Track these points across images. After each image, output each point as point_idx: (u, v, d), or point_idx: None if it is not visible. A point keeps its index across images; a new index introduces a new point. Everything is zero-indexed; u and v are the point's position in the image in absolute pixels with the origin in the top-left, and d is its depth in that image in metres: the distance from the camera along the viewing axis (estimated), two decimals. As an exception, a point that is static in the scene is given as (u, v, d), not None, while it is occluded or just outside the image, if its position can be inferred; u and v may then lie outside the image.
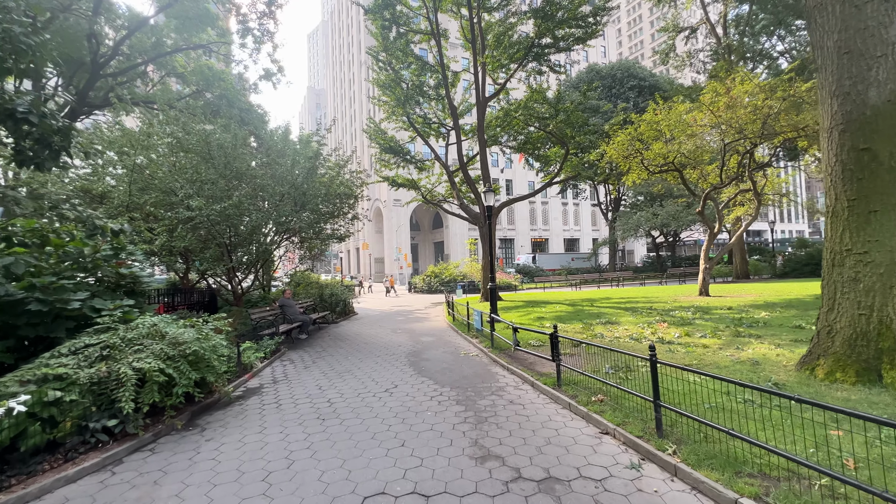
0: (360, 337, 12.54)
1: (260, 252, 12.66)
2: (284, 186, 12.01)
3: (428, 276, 33.73)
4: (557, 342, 6.14)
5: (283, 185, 11.98)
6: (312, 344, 11.67)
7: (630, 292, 21.94)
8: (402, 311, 20.23)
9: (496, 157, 53.26)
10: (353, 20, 64.33)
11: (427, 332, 12.90)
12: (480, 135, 20.42)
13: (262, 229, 11.77)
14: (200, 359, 5.53)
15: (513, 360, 8.02)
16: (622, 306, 15.23)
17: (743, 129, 16.32)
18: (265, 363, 8.88)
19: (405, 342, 11.18)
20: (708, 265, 18.05)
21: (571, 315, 13.39)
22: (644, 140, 19.21)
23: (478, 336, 10.65)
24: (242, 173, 11.76)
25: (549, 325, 11.35)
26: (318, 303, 17.32)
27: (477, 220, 21.14)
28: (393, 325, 15.02)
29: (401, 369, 8.15)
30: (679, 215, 32.44)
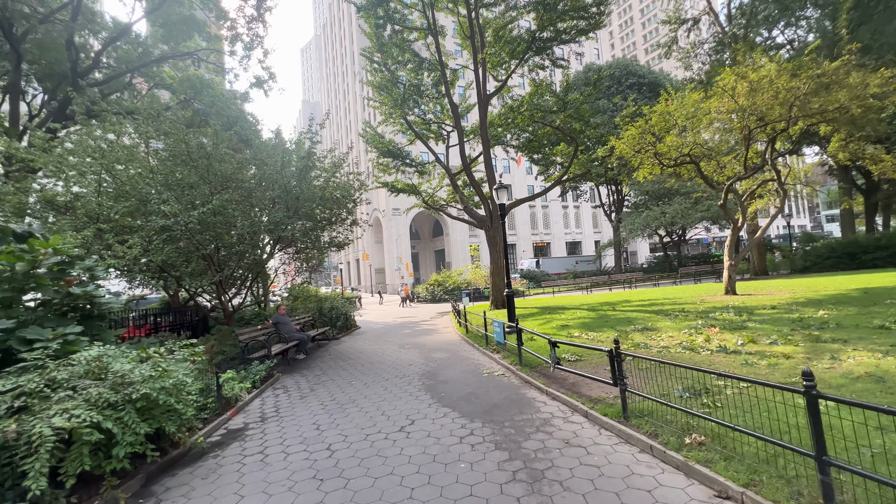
0: (364, 355, 11.07)
1: (251, 265, 11.25)
2: (275, 190, 10.65)
3: (431, 285, 32.30)
4: (620, 361, 4.72)
5: (274, 189, 10.61)
6: (311, 365, 10.20)
7: (647, 294, 20.53)
8: (406, 322, 18.77)
9: (495, 161, 52.09)
10: (345, 32, 63.65)
11: (438, 346, 11.45)
12: (483, 133, 19.14)
13: (251, 239, 10.38)
14: (154, 404, 4.08)
15: (550, 381, 6.59)
16: (648, 309, 13.81)
17: (765, 115, 15.07)
18: (254, 393, 7.41)
19: (416, 360, 9.72)
20: (733, 262, 16.68)
21: (597, 321, 11.96)
22: (656, 133, 17.96)
23: (499, 350, 9.21)
24: (228, 177, 10.39)
25: (578, 334, 9.96)
26: (317, 318, 15.87)
27: (483, 224, 19.78)
28: (399, 339, 13.56)
29: (415, 396, 6.70)
30: (687, 213, 31.16)
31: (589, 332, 10.03)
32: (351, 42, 61.10)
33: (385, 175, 22.79)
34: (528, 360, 7.89)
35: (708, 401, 4.72)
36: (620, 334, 9.41)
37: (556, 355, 6.25)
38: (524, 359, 7.82)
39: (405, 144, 22.65)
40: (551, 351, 6.26)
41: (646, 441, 4.09)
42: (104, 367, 4.25)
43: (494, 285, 19.45)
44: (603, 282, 29.75)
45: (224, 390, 6.49)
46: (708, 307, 12.71)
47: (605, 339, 9.17)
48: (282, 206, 11.14)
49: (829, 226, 78.34)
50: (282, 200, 11.16)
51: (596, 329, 10.46)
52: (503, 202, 11.56)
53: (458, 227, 52.38)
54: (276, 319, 11.30)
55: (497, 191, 11.43)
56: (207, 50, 23.48)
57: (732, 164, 18.96)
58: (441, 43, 19.04)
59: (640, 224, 33.58)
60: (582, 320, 12.41)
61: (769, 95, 14.27)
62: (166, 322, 13.32)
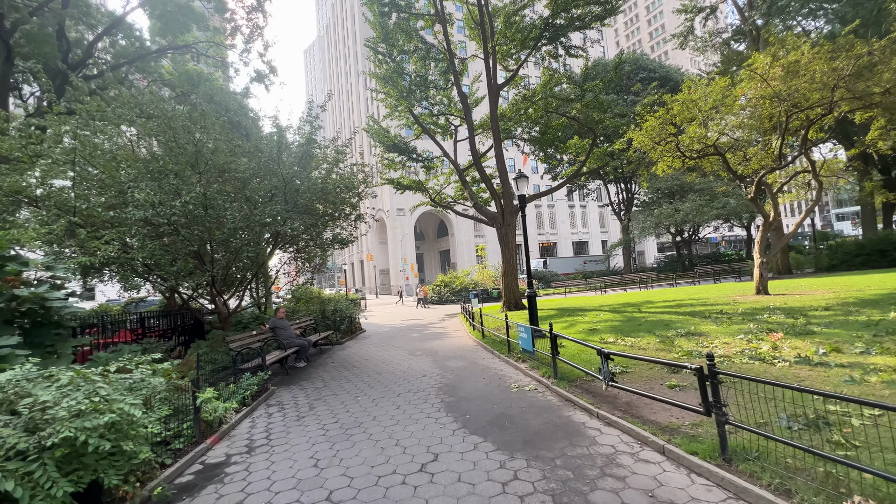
0: (370, 363, 9.88)
1: (248, 264, 10.08)
2: (272, 180, 9.48)
3: (437, 286, 31.11)
4: (717, 383, 3.50)
5: (271, 179, 9.45)
6: (312, 375, 9.01)
7: (668, 294, 19.24)
8: (414, 325, 17.59)
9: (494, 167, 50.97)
10: (348, 31, 62.70)
11: (453, 352, 10.25)
12: (494, 125, 17.96)
13: (246, 235, 9.21)
14: (83, 450, 2.90)
15: (597, 400, 5.38)
16: (679, 311, 12.56)
17: (801, 101, 13.82)
18: (243, 413, 6.23)
19: (430, 370, 8.52)
20: (764, 259, 15.39)
21: (628, 325, 10.72)
22: (677, 123, 16.72)
23: (525, 359, 7.99)
24: (220, 167, 9.25)
25: (613, 340, 8.70)
26: (319, 321, 14.71)
27: (494, 221, 18.58)
28: (408, 343, 12.37)
29: (435, 419, 5.50)
30: (702, 210, 29.84)
31: (625, 338, 8.79)
32: (354, 42, 60.15)
33: (390, 171, 21.65)
34: (564, 371, 6.68)
35: (838, 436, 3.49)
36: (663, 340, 8.17)
37: (608, 369, 5.03)
38: (560, 370, 6.60)
39: (411, 139, 21.52)
40: (602, 364, 5.04)
41: (770, 500, 2.86)
42: (23, 395, 3.08)
43: (506, 286, 18.25)
44: (616, 282, 28.45)
45: (204, 413, 5.31)
46: (747, 308, 11.44)
47: (646, 346, 7.94)
48: (280, 199, 9.98)
49: (838, 224, 76.53)
50: (280, 192, 10.01)
51: (631, 334, 9.22)
52: (524, 193, 10.35)
53: (463, 228, 51.22)
54: (273, 324, 10.15)
55: (517, 181, 10.23)
56: (207, 43, 22.42)
57: (759, 156, 17.70)
58: (449, 32, 17.92)
59: (652, 222, 32.28)
60: (609, 323, 11.17)
61: (807, 79, 13.02)
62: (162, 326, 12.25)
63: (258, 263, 9.97)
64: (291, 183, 9.81)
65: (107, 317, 10.85)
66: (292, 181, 9.82)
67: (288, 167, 9.84)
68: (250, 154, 9.54)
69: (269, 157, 9.42)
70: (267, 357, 8.60)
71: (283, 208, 9.66)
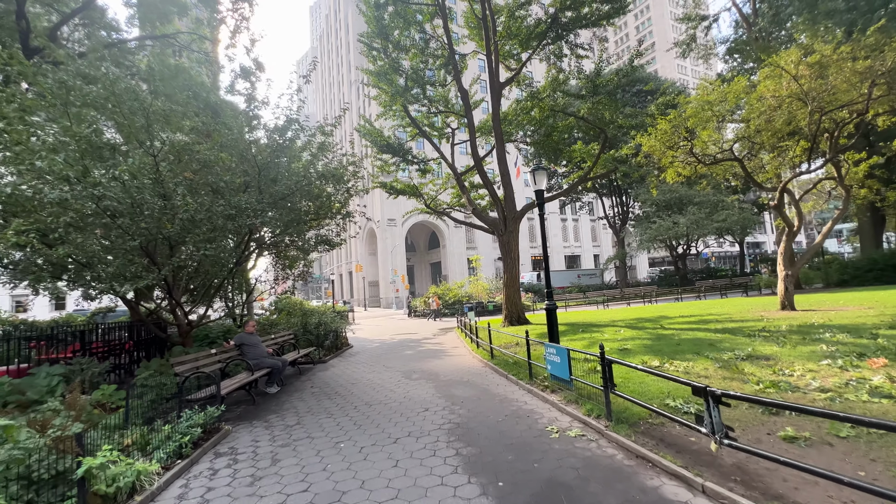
0: (358, 388, 8.00)
1: (211, 266, 8.21)
2: (242, 165, 7.70)
3: (430, 299, 29.23)
4: None
5: (240, 164, 7.67)
6: (284, 405, 7.10)
7: (680, 308, 17.72)
8: (407, 340, 15.70)
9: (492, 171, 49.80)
10: (342, 41, 61.68)
11: (457, 375, 8.43)
12: (496, 125, 16.48)
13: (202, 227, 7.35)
14: None
15: (691, 461, 3.65)
16: (708, 327, 10.95)
17: (829, 102, 12.63)
18: (177, 469, 4.33)
19: (432, 400, 6.69)
20: (790, 272, 13.99)
21: (661, 343, 9.04)
22: (691, 127, 15.44)
23: (556, 389, 6.23)
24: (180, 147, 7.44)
25: (658, 364, 6.93)
26: (300, 335, 12.76)
27: (495, 228, 16.93)
28: (402, 363, 10.50)
29: (453, 489, 3.67)
30: (702, 223, 28.74)
31: (672, 360, 7.09)
32: (347, 52, 59.06)
33: (383, 174, 19.98)
34: (622, 411, 4.94)
35: None
36: (724, 366, 6.47)
37: (719, 418, 3.30)
38: (613, 409, 4.84)
39: (406, 141, 19.93)
40: (711, 411, 3.32)
41: None
42: None
43: (508, 298, 16.52)
44: (618, 296, 26.97)
45: (98, 483, 3.40)
46: (790, 326, 9.87)
47: (705, 372, 6.24)
48: (254, 191, 8.19)
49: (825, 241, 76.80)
50: (253, 182, 8.22)
51: (675, 356, 7.53)
52: (542, 188, 8.72)
53: (455, 240, 49.63)
54: (240, 340, 8.23)
55: (535, 173, 8.61)
56: (189, 34, 20.67)
57: (773, 164, 16.50)
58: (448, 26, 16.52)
59: (650, 235, 31.07)
60: (638, 342, 9.48)
61: (842, 76, 11.82)
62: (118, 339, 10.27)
63: (222, 265, 8.08)
64: (267, 170, 8.03)
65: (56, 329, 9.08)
66: (268, 168, 8.05)
67: (263, 152, 8.07)
68: (216, 132, 7.74)
69: (239, 137, 7.63)
70: (226, 384, 6.67)
71: (255, 199, 7.85)
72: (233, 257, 8.26)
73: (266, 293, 17.38)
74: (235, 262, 9.44)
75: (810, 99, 12.45)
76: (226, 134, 7.48)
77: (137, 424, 5.36)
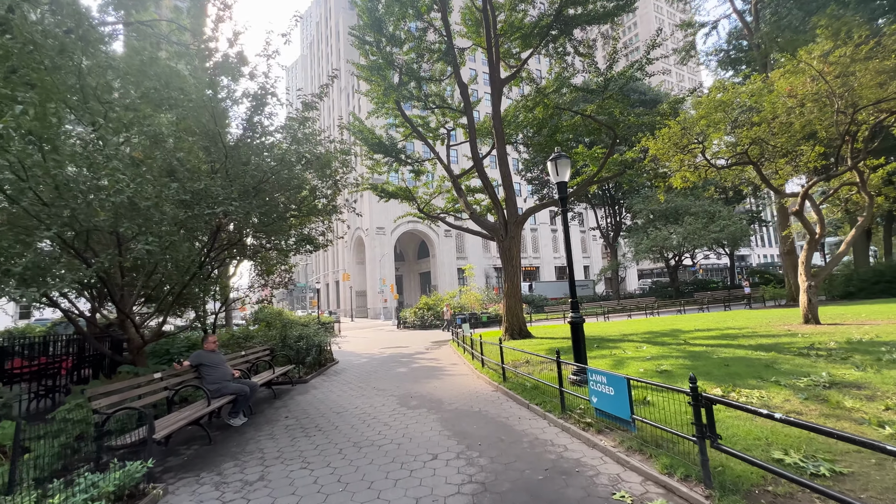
0: (344, 420, 6.38)
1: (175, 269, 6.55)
2: (202, 141, 6.14)
3: (420, 309, 27.60)
4: None
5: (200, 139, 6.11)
6: (248, 445, 5.44)
7: (690, 322, 16.47)
8: (398, 354, 14.07)
9: (484, 182, 48.78)
10: (332, 48, 60.54)
11: (464, 403, 6.88)
12: (497, 123, 15.20)
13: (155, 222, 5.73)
14: None
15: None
16: (740, 343, 9.64)
17: (852, 102, 11.70)
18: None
19: (439, 440, 5.13)
20: (813, 282, 12.88)
21: (700, 364, 7.65)
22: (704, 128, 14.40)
23: (602, 428, 4.74)
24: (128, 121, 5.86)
25: (722, 393, 5.52)
26: (278, 349, 11.05)
27: (495, 234, 15.54)
28: (395, 384, 8.90)
29: None
30: (699, 233, 27.90)
31: (738, 389, 5.66)
32: (338, 58, 57.91)
33: (374, 175, 18.51)
34: (715, 462, 3.47)
35: None
36: (812, 397, 5.10)
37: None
38: (711, 466, 3.37)
39: (399, 140, 18.53)
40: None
41: None
42: None
43: (509, 308, 15.08)
44: (617, 307, 25.77)
45: None
46: (839, 341, 8.62)
47: (790, 405, 4.84)
48: (221, 177, 6.63)
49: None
50: (221, 166, 6.65)
51: (734, 381, 6.11)
52: (564, 180, 7.34)
53: (445, 249, 48.21)
54: (197, 359, 6.56)
55: (557, 161, 7.22)
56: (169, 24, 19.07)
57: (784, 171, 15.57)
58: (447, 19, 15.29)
59: (645, 246, 30.13)
60: (673, 361, 8.07)
61: (870, 74, 10.88)
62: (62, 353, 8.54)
63: (180, 268, 6.43)
64: (236, 153, 6.48)
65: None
66: (238, 150, 6.50)
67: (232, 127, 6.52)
68: (174, 103, 6.16)
69: (198, 104, 6.06)
70: (169, 421, 5.01)
71: (221, 185, 6.27)
72: (192, 258, 6.62)
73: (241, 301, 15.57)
74: (200, 264, 7.80)
75: (837, 97, 11.48)
76: (182, 102, 5.90)
77: (28, 487, 3.72)
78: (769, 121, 13.32)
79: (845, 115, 12.07)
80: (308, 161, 7.30)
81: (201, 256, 7.83)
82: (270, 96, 6.71)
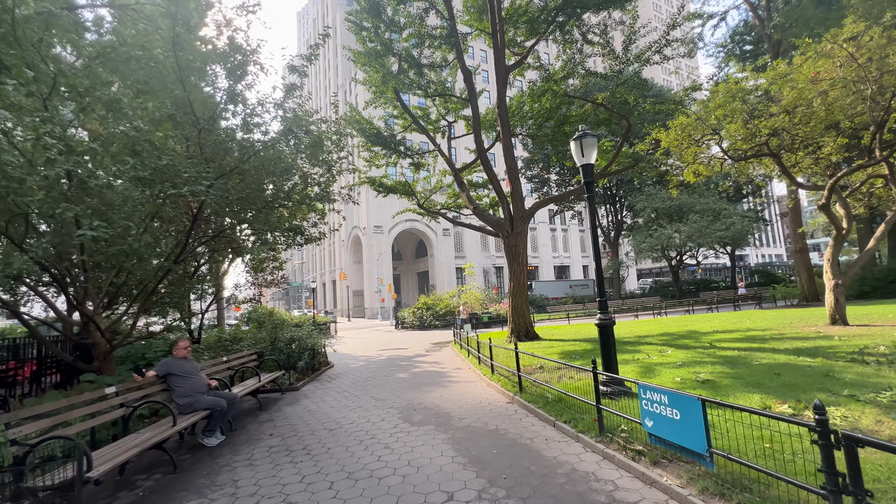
0: (337, 441, 5.39)
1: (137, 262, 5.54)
2: (163, 100, 5.15)
3: (419, 309, 26.61)
4: None
5: (163, 98, 5.12)
6: (221, 473, 4.44)
7: (704, 322, 15.58)
8: (397, 357, 13.08)
9: (483, 181, 47.85)
10: (329, 45, 59.44)
11: (476, 417, 5.90)
12: (502, 112, 14.23)
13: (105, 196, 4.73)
14: None
15: None
16: (776, 347, 8.73)
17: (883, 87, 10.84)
18: None
19: (453, 471, 4.15)
20: (840, 281, 12.02)
21: (742, 372, 6.72)
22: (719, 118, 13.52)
23: (658, 458, 3.78)
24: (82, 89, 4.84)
25: (787, 408, 4.61)
26: (267, 354, 10.03)
27: (500, 229, 14.57)
28: (396, 392, 7.91)
29: None
30: (704, 231, 27.07)
31: (806, 403, 4.73)
32: (335, 56, 56.81)
33: (372, 167, 17.52)
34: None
35: None
36: (902, 415, 4.18)
37: None
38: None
39: (398, 131, 17.55)
40: None
41: None
42: None
43: (515, 309, 14.12)
44: (623, 308, 24.90)
45: None
46: (888, 347, 7.72)
47: (879, 427, 3.91)
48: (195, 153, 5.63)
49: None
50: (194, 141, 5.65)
51: (797, 395, 5.18)
52: (591, 162, 6.39)
53: (443, 248, 47.24)
54: (165, 369, 5.56)
55: (582, 140, 6.27)
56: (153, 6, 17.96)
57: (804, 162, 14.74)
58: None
59: (649, 245, 29.28)
60: (710, 369, 7.12)
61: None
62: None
63: (141, 260, 5.42)
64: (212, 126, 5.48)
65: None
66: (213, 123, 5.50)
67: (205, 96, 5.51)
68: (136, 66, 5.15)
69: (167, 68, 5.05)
70: (121, 448, 4.00)
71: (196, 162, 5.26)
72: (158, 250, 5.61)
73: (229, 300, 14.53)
74: (176, 258, 6.79)
75: (872, 82, 10.60)
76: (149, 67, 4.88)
77: None
78: (791, 109, 12.46)
79: (876, 102, 11.21)
80: (297, 136, 6.28)
81: (178, 249, 6.81)
82: (252, 63, 5.70)
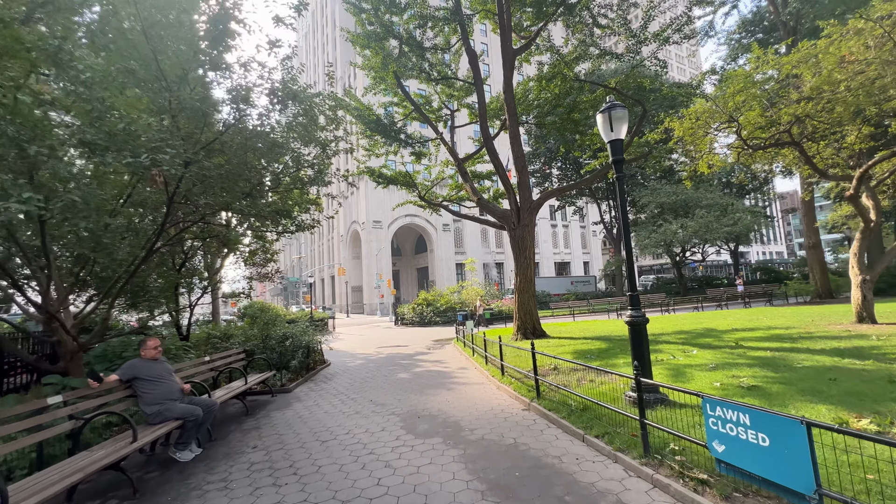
0: (330, 457, 4.60)
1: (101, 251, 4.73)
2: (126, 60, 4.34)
3: (419, 305, 25.81)
4: None
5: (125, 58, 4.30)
6: (187, 498, 3.68)
7: (721, 320, 14.81)
8: (397, 355, 12.31)
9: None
10: (328, 37, 58.30)
11: (490, 429, 5.13)
12: (509, 98, 13.42)
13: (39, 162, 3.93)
14: None
15: None
16: (809, 347, 7.98)
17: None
18: None
19: (467, 500, 3.38)
20: (868, 276, 11.27)
21: (787, 376, 5.96)
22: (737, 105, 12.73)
23: (729, 492, 3.01)
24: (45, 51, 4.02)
25: (878, 426, 3.84)
26: (258, 352, 9.23)
27: (505, 221, 13.79)
28: (397, 395, 7.14)
29: None
30: (711, 227, 26.33)
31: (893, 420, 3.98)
32: (334, 48, 55.71)
33: (371, 156, 16.68)
34: None
35: None
36: None
37: None
38: None
39: (399, 119, 16.71)
40: None
41: None
42: None
43: (521, 305, 13.38)
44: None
45: None
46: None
47: None
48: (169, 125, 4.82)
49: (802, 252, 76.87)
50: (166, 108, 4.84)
51: (874, 403, 4.42)
52: (620, 137, 5.60)
53: (443, 244, 46.44)
54: (131, 372, 4.76)
55: (611, 112, 5.47)
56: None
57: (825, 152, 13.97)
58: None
59: (654, 241, 28.53)
60: (749, 372, 6.35)
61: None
62: None
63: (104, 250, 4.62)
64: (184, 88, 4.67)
65: None
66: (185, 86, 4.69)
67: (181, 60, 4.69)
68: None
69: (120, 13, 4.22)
70: (61, 473, 3.21)
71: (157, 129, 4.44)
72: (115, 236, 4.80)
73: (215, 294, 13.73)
74: (151, 248, 5.98)
75: None
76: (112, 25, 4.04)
77: None
78: (815, 95, 11.66)
79: None
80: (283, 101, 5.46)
81: (153, 237, 6.00)
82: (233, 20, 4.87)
